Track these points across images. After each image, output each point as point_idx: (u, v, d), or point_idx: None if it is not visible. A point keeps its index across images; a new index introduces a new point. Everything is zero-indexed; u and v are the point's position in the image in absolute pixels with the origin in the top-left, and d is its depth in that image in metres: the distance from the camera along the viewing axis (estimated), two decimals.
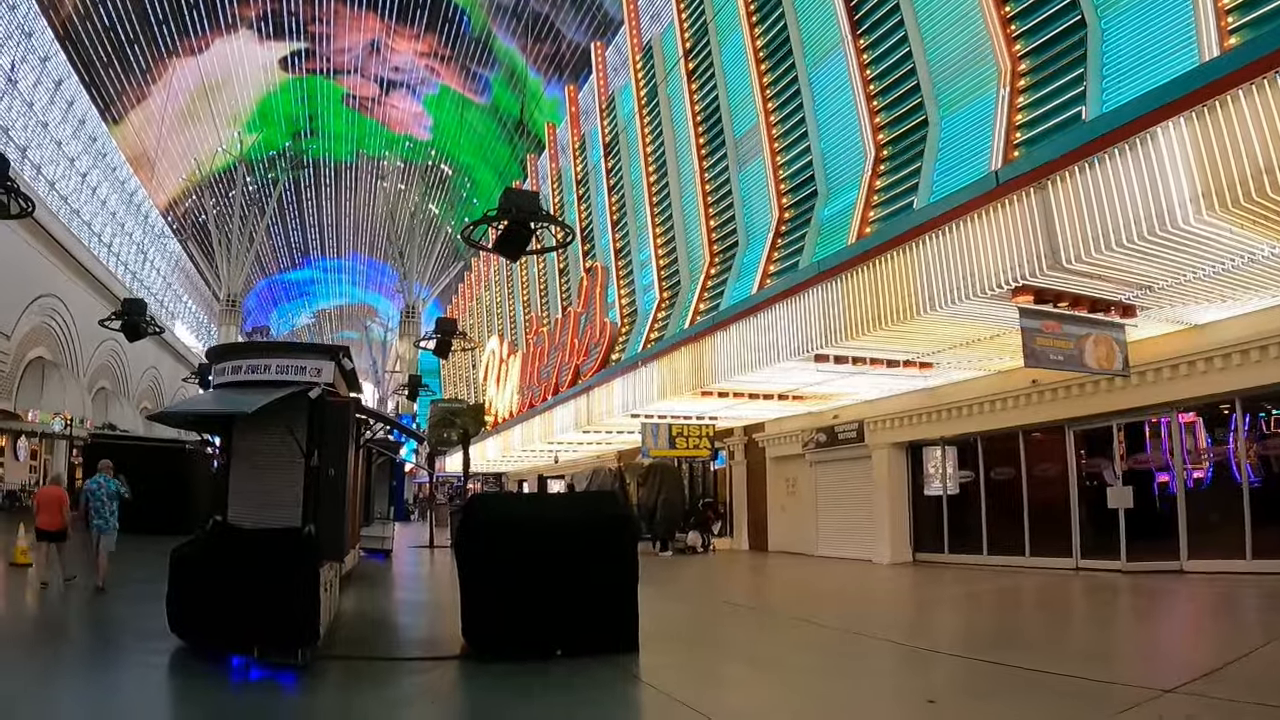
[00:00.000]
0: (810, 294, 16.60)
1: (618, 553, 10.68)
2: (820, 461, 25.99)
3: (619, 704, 8.91)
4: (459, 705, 9.01)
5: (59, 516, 15.42)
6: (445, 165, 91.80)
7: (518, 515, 11.22)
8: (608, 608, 10.40)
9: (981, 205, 12.93)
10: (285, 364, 10.75)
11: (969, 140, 18.31)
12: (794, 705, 8.47)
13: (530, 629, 10.08)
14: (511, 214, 13.95)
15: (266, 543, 9.82)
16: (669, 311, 30.47)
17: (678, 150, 31.42)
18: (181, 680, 9.47)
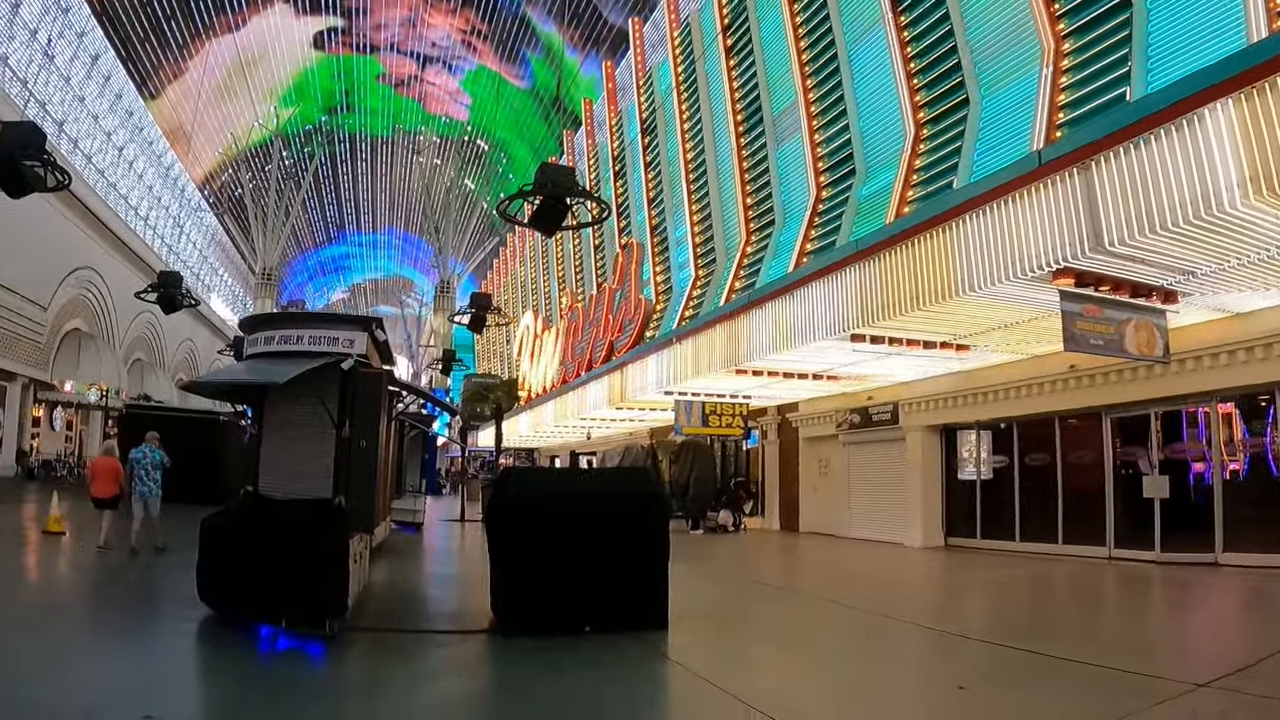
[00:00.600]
0: (848, 273, 16.43)
1: (650, 529, 10.62)
2: (854, 443, 25.83)
3: (648, 681, 8.84)
4: (486, 679, 8.97)
5: (113, 485, 15.98)
6: (481, 141, 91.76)
7: (550, 490, 11.15)
8: (638, 585, 10.37)
9: (1023, 185, 12.73)
10: (318, 334, 10.73)
11: (1010, 120, 18.04)
12: (823, 687, 8.42)
13: (560, 604, 10.05)
14: (547, 189, 13.91)
15: (297, 513, 9.83)
16: (704, 289, 30.31)
17: (715, 127, 31.21)
18: (210, 649, 9.52)
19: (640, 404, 29.61)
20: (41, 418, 50.03)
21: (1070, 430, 19.95)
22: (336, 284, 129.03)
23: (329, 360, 10.21)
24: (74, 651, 8.75)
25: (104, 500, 16.05)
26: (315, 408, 10.25)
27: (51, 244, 45.36)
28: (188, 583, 10.66)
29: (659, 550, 10.57)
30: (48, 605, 11.54)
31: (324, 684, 8.26)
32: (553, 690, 8.11)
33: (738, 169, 28.88)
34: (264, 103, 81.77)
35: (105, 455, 16.72)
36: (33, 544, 17.63)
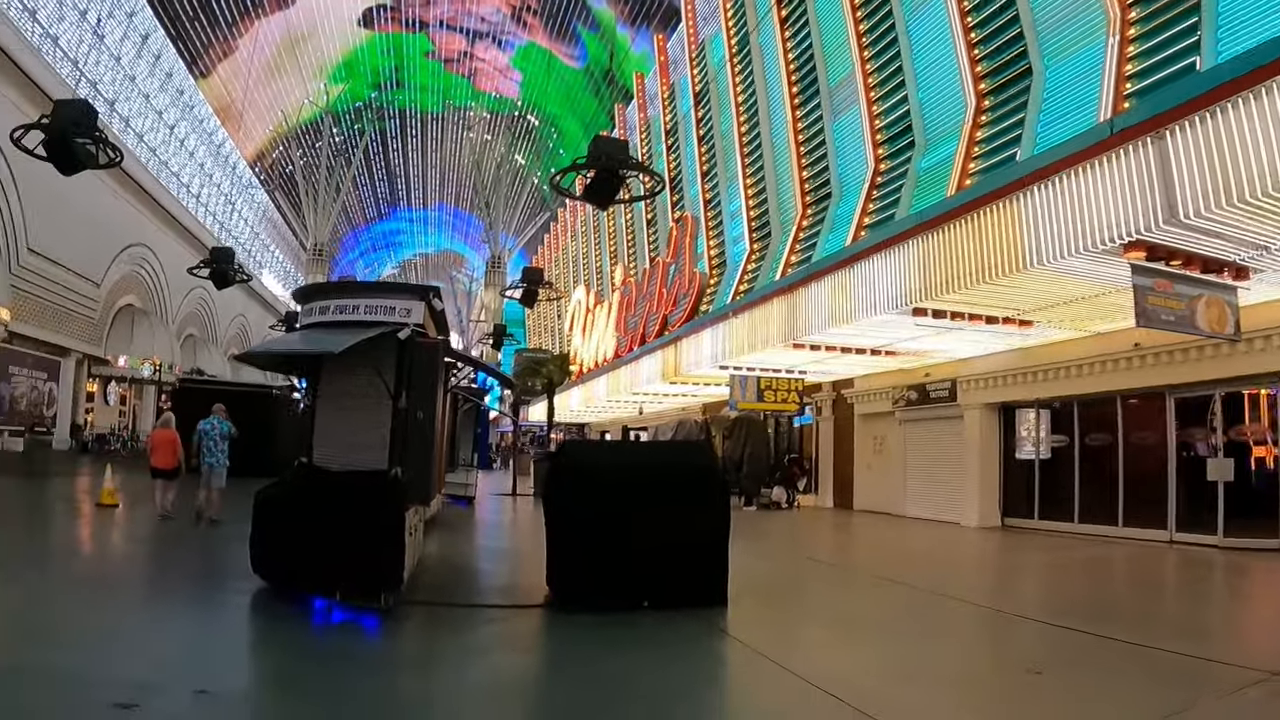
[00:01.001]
0: (911, 245, 16.08)
1: (709, 504, 10.45)
2: (910, 420, 25.48)
3: (709, 659, 8.71)
4: (543, 654, 8.88)
5: (172, 456, 16.51)
6: (532, 116, 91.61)
7: (608, 463, 11.00)
8: (697, 560, 10.20)
9: (1094, 155, 12.35)
10: (374, 304, 10.61)
11: (1075, 91, 17.70)
12: (891, 669, 8.19)
13: (618, 580, 9.90)
14: (600, 162, 13.72)
15: (352, 485, 9.73)
16: (759, 263, 30.06)
17: (770, 100, 30.87)
18: (263, 621, 9.52)
19: (694, 379, 29.39)
20: (95, 392, 50.78)
21: (1132, 410, 19.50)
22: (387, 260, 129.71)
23: (385, 330, 10.05)
24: (127, 623, 8.78)
25: (163, 471, 16.51)
26: (371, 378, 10.12)
27: (104, 221, 45.92)
28: (241, 554, 10.67)
29: (719, 525, 10.40)
30: (101, 577, 11.61)
31: (379, 657, 8.16)
32: (612, 667, 7.98)
33: (793, 142, 28.56)
34: (314, 80, 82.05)
35: (164, 428, 17.07)
36: (86, 516, 17.89)
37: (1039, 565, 16.66)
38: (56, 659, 7.13)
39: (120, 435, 49.23)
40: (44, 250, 39.77)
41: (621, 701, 6.97)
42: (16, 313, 36.71)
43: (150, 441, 17.14)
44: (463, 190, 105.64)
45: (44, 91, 34.79)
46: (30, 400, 42.11)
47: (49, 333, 42.15)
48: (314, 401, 10.89)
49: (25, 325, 39.06)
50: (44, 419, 42.79)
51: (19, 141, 13.87)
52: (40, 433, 39.05)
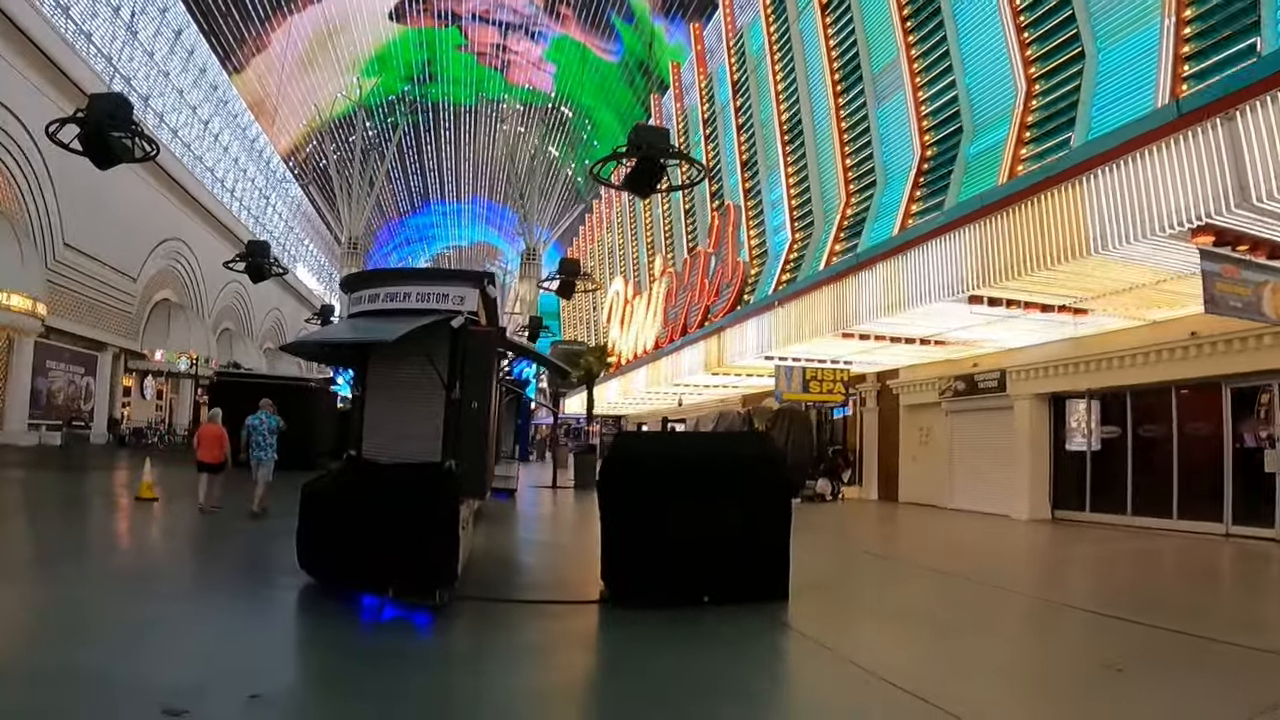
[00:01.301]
0: (969, 231, 15.70)
1: (770, 495, 10.19)
2: (957, 411, 25.08)
3: (777, 655, 8.47)
4: (602, 652, 8.63)
5: (218, 451, 16.74)
6: (565, 108, 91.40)
7: (666, 453, 10.72)
8: (758, 553, 9.95)
9: (1161, 137, 11.97)
10: (426, 291, 10.33)
11: (1130, 74, 17.36)
12: (963, 664, 7.94)
13: (676, 574, 9.64)
14: (641, 150, 13.54)
15: (404, 478, 9.47)
16: (801, 252, 29.75)
17: (811, 87, 30.53)
18: (311, 619, 9.28)
19: (736, 369, 29.10)
20: (132, 386, 51.08)
21: (1187, 401, 19.06)
22: (421, 253, 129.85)
23: (439, 318, 9.78)
24: (171, 622, 8.50)
25: (209, 465, 16.70)
26: (423, 368, 9.88)
27: (140, 216, 46.22)
28: (286, 549, 10.51)
29: (781, 516, 10.13)
30: (142, 573, 11.39)
31: (433, 656, 7.91)
32: (674, 664, 7.71)
33: (836, 129, 28.22)
34: (347, 74, 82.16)
35: (210, 423, 17.20)
36: (125, 510, 17.77)
37: (1096, 558, 16.28)
38: (100, 660, 6.95)
39: (157, 429, 49.50)
40: (80, 245, 40.06)
41: (686, 700, 6.70)
42: (53, 307, 36.91)
43: (197, 436, 17.26)
44: (496, 183, 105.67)
45: (79, 87, 35.01)
46: (67, 395, 42.45)
47: (86, 327, 42.46)
48: (363, 393, 10.66)
49: (62, 320, 39.33)
50: (81, 413, 43.07)
51: (54, 136, 13.68)
52: (78, 427, 39.31)
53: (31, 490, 21.44)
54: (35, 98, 33.70)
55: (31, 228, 36.13)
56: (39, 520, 16.40)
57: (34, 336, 36.99)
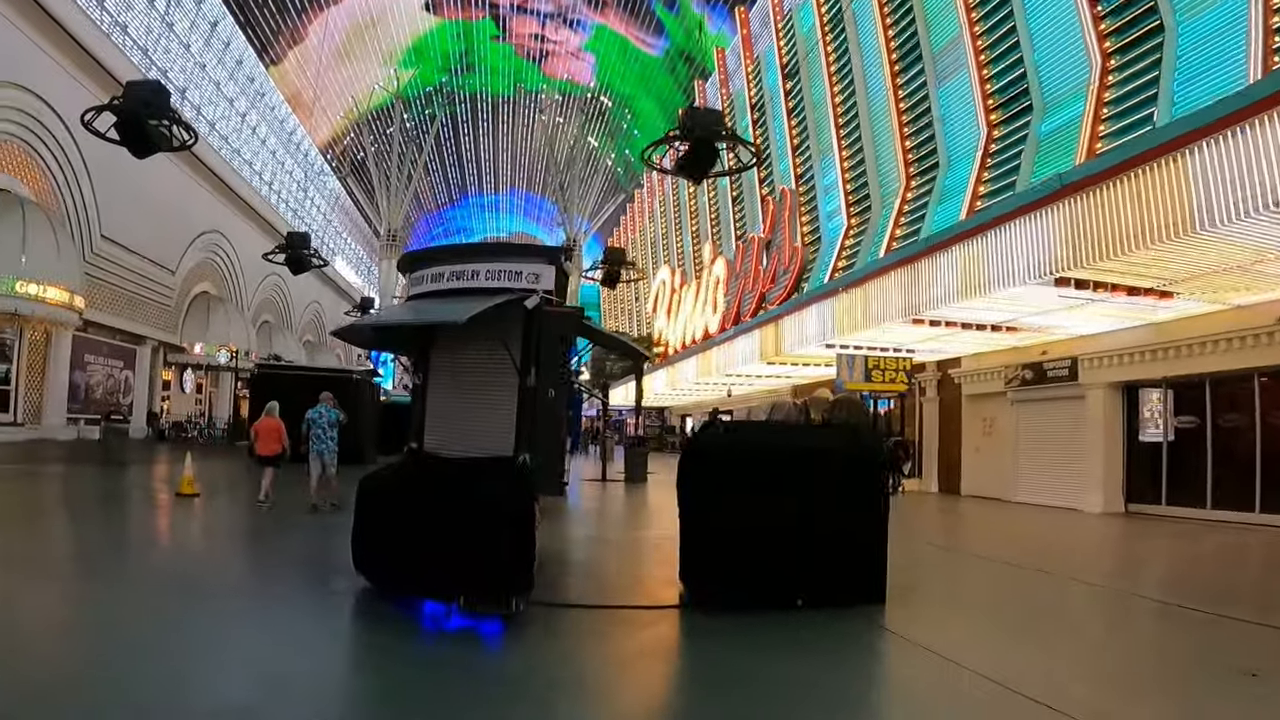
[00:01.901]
0: (1058, 210, 14.86)
1: (867, 489, 9.45)
2: (1023, 400, 24.14)
3: (883, 661, 7.76)
4: (696, 666, 7.72)
5: (277, 444, 16.58)
6: (605, 97, 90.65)
7: (755, 445, 9.82)
8: (854, 552, 9.18)
9: (1274, 107, 11.15)
10: (497, 269, 9.51)
11: (1214, 46, 16.66)
12: (1087, 670, 7.21)
13: (766, 575, 8.89)
14: (695, 133, 13.31)
15: (473, 473, 8.73)
16: (858, 238, 28.93)
17: (866, 68, 29.71)
18: (370, 630, 8.29)
19: (792, 359, 28.30)
20: (171, 380, 50.99)
21: (1271, 389, 18.15)
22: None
23: (512, 297, 9.03)
24: (217, 633, 7.69)
25: (268, 458, 16.59)
26: (493, 353, 9.10)
27: (178, 209, 46.11)
28: (338, 549, 9.90)
29: (876, 513, 9.37)
30: (184, 577, 10.39)
31: (509, 675, 6.94)
32: (776, 674, 6.92)
33: (894, 111, 27.41)
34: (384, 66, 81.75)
35: (268, 416, 16.82)
36: (165, 507, 17.10)
37: (1183, 553, 15.43)
38: (144, 674, 6.34)
39: (197, 423, 49.32)
40: (118, 238, 39.88)
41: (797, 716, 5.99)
42: (91, 300, 36.61)
43: (255, 430, 17.00)
44: (535, 174, 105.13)
45: (115, 78, 34.60)
46: (106, 388, 42.31)
47: (124, 320, 42.31)
48: (424, 381, 9.90)
49: (100, 313, 39.17)
50: (120, 407, 42.81)
51: (90, 124, 13.42)
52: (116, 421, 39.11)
53: (69, 486, 20.81)
54: (71, 89, 33.37)
55: (68, 220, 35.89)
56: (77, 519, 15.78)
57: (72, 330, 36.73)
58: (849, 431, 10.13)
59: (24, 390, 35.39)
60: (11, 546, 11.53)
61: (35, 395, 36.15)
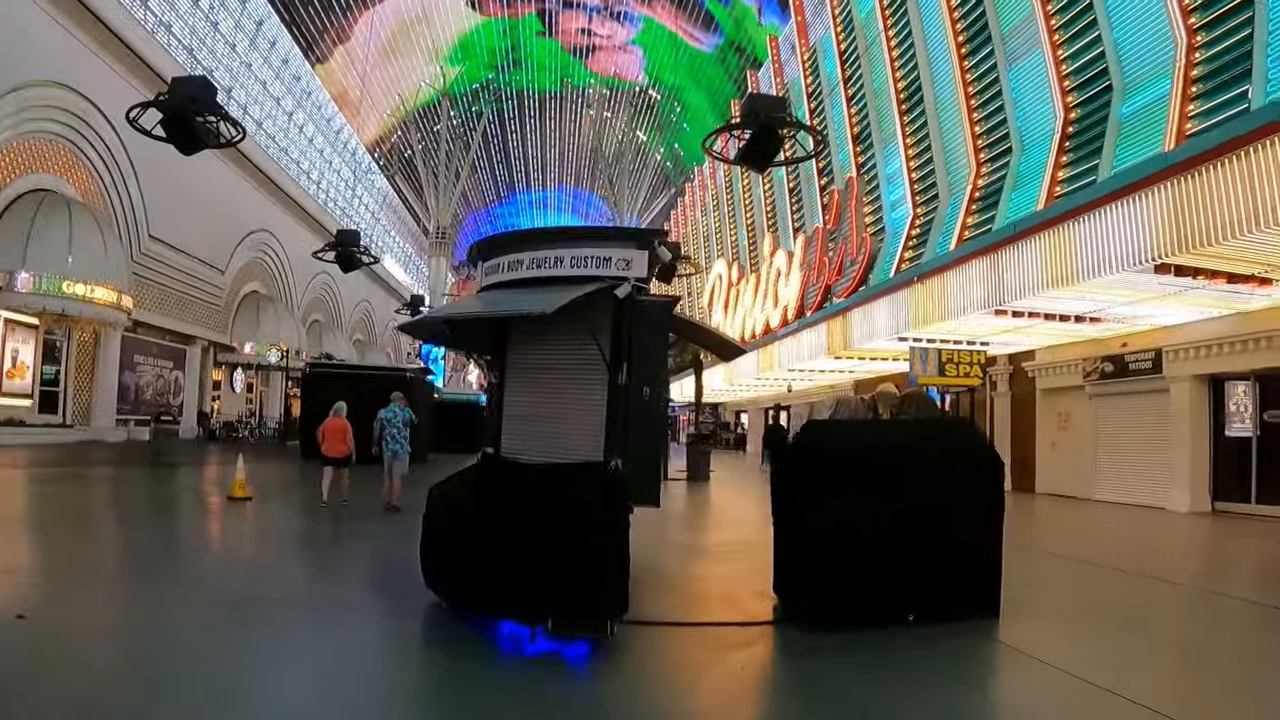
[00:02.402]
0: (1161, 191, 13.95)
1: (983, 493, 8.66)
2: (1102, 394, 23.15)
3: (1017, 687, 6.92)
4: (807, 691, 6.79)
5: (344, 445, 16.45)
6: (653, 90, 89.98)
7: (870, 444, 8.94)
8: (969, 560, 8.47)
9: None
10: (584, 254, 8.72)
11: None
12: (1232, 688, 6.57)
13: (875, 588, 8.13)
14: (758, 120, 12.83)
15: (559, 481, 7.86)
16: (924, 228, 28.05)
17: (930, 52, 28.78)
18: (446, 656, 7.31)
19: (859, 353, 27.42)
20: (221, 380, 51.09)
21: None
22: None
23: (601, 286, 8.28)
24: (275, 658, 7.00)
25: (334, 459, 16.51)
26: (580, 347, 8.42)
27: (227, 208, 46.19)
28: (404, 560, 9.26)
29: (992, 517, 8.62)
30: (234, 590, 9.43)
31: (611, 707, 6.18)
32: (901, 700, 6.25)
33: (962, 95, 26.49)
34: (430, 63, 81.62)
35: (335, 416, 16.63)
36: (217, 512, 16.41)
37: None
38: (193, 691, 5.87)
39: (247, 422, 49.25)
40: (166, 238, 39.84)
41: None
42: (140, 300, 36.53)
43: (322, 430, 16.68)
44: (582, 170, 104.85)
45: (161, 78, 34.35)
46: (156, 389, 42.37)
47: (174, 320, 42.33)
48: (500, 379, 9.20)
49: (150, 313, 39.19)
50: (170, 407, 42.88)
51: (135, 121, 13.07)
52: (166, 421, 39.06)
53: (117, 488, 20.33)
54: (117, 89, 33.27)
55: (115, 220, 35.85)
56: (124, 524, 15.10)
57: (120, 331, 36.73)
58: (960, 426, 9.32)
59: (73, 391, 35.46)
60: (56, 553, 11.05)
61: (84, 396, 36.19)
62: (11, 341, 31.97)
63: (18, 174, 30.52)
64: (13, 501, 16.58)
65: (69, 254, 30.93)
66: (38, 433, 31.75)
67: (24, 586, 8.88)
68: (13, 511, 15.06)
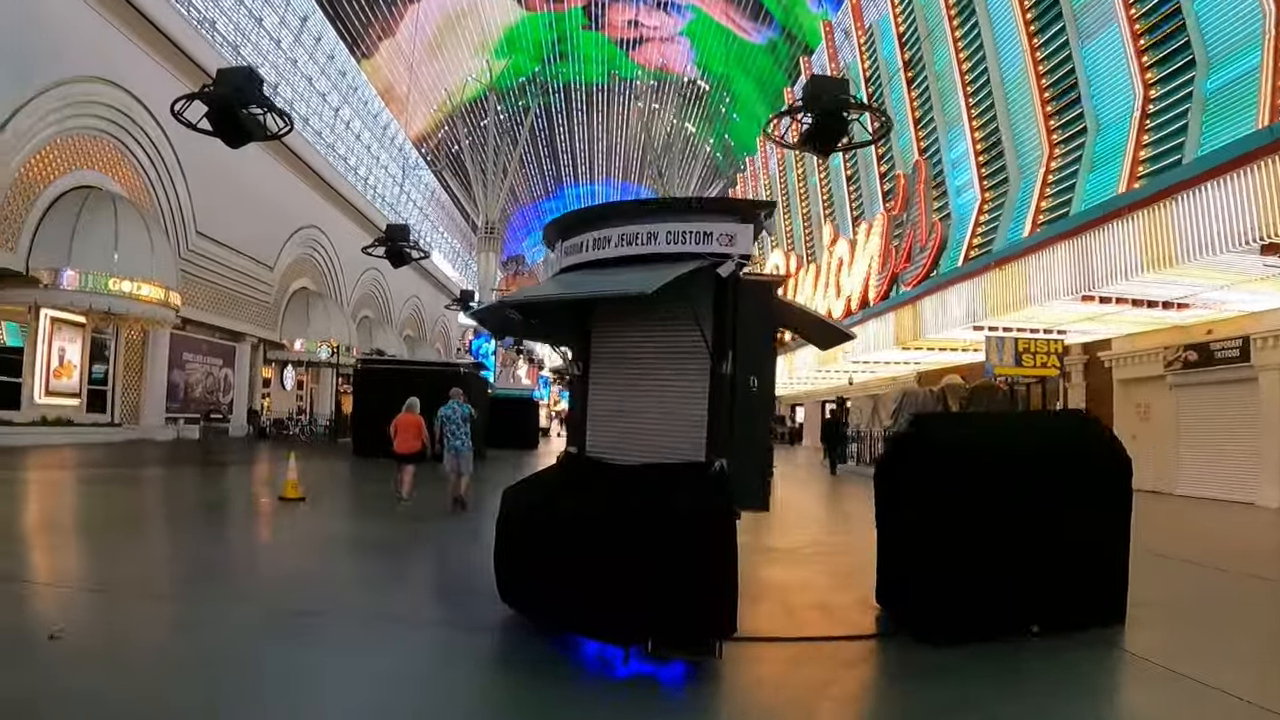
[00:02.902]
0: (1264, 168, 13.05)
1: (1110, 493, 7.88)
2: (1185, 384, 22.15)
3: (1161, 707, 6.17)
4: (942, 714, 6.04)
5: (416, 441, 16.18)
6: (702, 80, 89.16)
7: (982, 442, 8.09)
8: (1095, 565, 7.73)
9: None
10: (681, 229, 7.65)
11: None
12: None
13: (996, 598, 7.39)
14: (821, 103, 12.47)
15: (654, 484, 6.97)
16: (993, 213, 27.12)
17: (996, 30, 27.80)
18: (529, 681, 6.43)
19: (928, 344, 26.49)
20: (271, 377, 51.01)
21: None
22: None
23: (703, 264, 7.29)
24: (322, 672, 6.37)
25: (407, 456, 16.25)
26: (678, 333, 7.62)
27: (275, 203, 46.10)
28: (473, 567, 8.76)
29: (1119, 518, 7.87)
30: (289, 599, 8.65)
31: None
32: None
33: (1032, 75, 25.55)
34: (476, 56, 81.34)
35: (408, 412, 16.43)
36: (268, 514, 15.58)
37: None
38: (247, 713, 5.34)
39: (298, 419, 49.08)
40: (214, 234, 39.57)
41: None
42: (188, 298, 36.27)
43: (394, 426, 16.43)
44: (630, 163, 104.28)
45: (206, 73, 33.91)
46: (205, 387, 42.31)
47: (223, 318, 42.19)
48: (584, 371, 8.44)
49: (199, 311, 39.03)
50: (220, 405, 42.82)
51: (180, 114, 12.83)
52: (216, 419, 38.79)
53: (165, 490, 19.60)
54: (163, 85, 32.85)
55: (162, 217, 35.63)
56: (172, 529, 14.10)
57: (169, 328, 36.54)
58: (1082, 419, 8.51)
59: (121, 390, 35.37)
60: (99, 564, 10.24)
61: (133, 395, 36.11)
62: (58, 340, 31.78)
63: (62, 171, 30.26)
64: (56, 504, 16.00)
65: (114, 251, 30.67)
66: (86, 432, 31.59)
67: (64, 601, 8.21)
68: (56, 516, 14.47)
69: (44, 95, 28.05)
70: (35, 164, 28.71)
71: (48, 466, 21.58)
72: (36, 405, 30.39)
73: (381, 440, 16.59)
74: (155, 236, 33.23)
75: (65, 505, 15.93)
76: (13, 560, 9.69)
